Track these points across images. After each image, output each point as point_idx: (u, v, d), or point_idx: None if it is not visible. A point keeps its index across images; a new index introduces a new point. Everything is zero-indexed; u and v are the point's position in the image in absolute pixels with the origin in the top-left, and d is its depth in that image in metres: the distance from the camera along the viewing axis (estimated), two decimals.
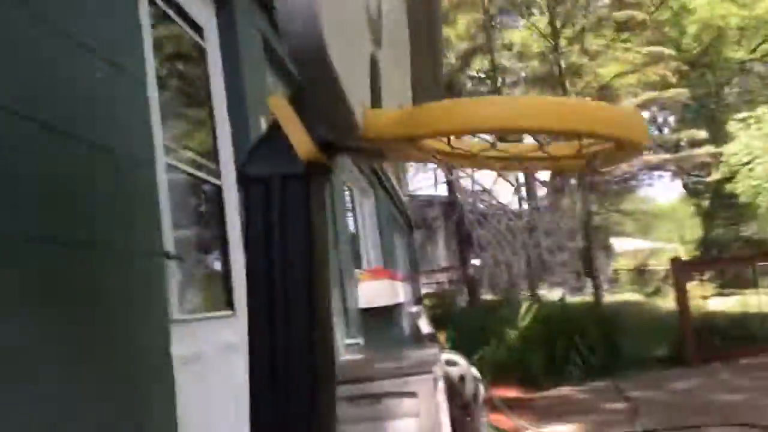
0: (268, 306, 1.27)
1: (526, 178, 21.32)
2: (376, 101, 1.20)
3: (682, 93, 21.67)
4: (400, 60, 1.48)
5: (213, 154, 2.56)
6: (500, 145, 1.18)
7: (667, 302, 8.65)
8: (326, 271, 1.38)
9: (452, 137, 1.20)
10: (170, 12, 2.28)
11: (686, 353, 6.43)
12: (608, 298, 17.11)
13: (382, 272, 5.70)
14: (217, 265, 2.69)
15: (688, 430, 3.81)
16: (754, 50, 27.52)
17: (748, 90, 29.14)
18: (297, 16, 0.92)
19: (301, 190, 1.22)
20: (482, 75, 21.62)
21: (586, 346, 6.39)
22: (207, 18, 2.62)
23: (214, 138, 2.59)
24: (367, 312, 5.33)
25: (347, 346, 4.31)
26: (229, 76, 2.66)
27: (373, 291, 5.30)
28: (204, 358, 2.18)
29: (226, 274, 2.56)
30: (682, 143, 24.39)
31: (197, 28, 2.54)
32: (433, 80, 7.47)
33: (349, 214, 6.58)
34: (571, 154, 1.20)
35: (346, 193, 6.23)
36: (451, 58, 18.83)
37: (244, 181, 1.27)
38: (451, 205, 17.92)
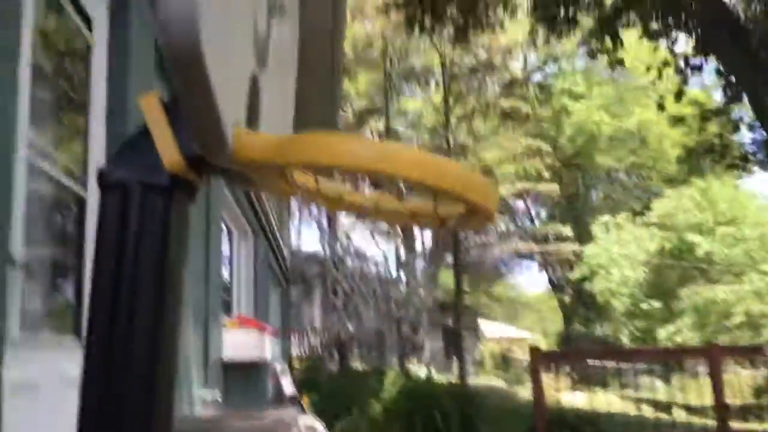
0: (107, 332, 1.16)
1: (406, 249, 21.81)
2: (252, 123, 1.18)
3: (553, 189, 23.28)
4: (285, 88, 1.47)
5: (83, 164, 2.39)
6: (365, 192, 1.19)
7: (526, 391, 8.94)
8: (180, 298, 1.29)
9: (319, 175, 1.20)
10: None
11: None
12: (473, 380, 17.50)
13: (251, 322, 5.51)
14: (70, 287, 2.48)
15: None
16: (620, 160, 30.30)
17: (611, 196, 31.85)
18: (175, 17, 0.89)
19: (162, 203, 1.15)
20: (377, 137, 22.30)
21: (446, 424, 6.43)
22: (99, 10, 2.46)
23: (86, 145, 2.41)
24: (230, 364, 5.09)
25: (204, 400, 4.06)
26: (113, 77, 2.49)
27: (238, 341, 5.08)
28: (39, 387, 1.96)
29: (78, 298, 2.35)
30: (550, 237, 26.00)
31: (87, 20, 2.38)
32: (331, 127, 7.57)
33: (226, 254, 6.37)
34: (428, 211, 1.23)
35: (224, 233, 6.04)
36: (348, 114, 19.27)
37: (101, 185, 1.18)
38: (328, 266, 17.89)
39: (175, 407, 1.28)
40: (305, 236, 35.03)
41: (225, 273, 6.47)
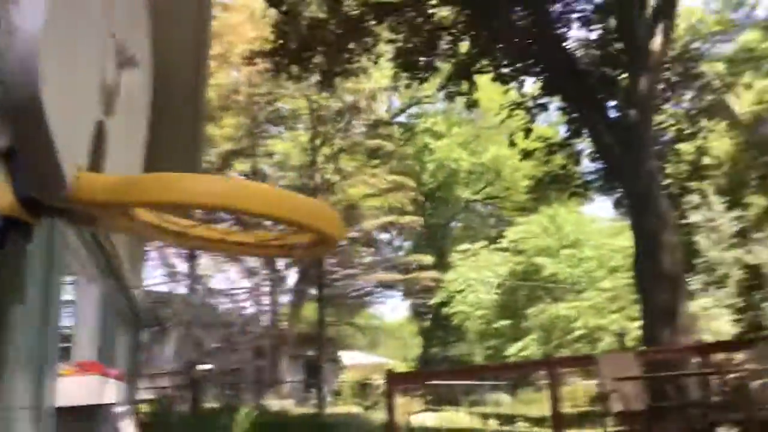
0: None
1: (270, 284, 21.50)
2: (96, 166, 1.22)
3: (416, 221, 24.19)
4: (135, 135, 1.51)
5: None
6: (206, 226, 1.27)
7: (383, 414, 9.13)
8: (5, 338, 1.27)
9: (167, 212, 1.26)
10: None
11: None
12: (331, 409, 17.47)
13: (92, 366, 5.19)
14: None
15: None
16: (478, 192, 32.28)
17: (471, 225, 33.72)
18: (17, 68, 0.93)
19: None
20: (243, 177, 21.98)
21: None
22: None
23: None
24: (68, 411, 4.76)
25: None
26: None
27: (76, 387, 4.76)
28: None
29: None
30: (413, 266, 26.88)
31: None
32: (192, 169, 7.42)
33: (68, 299, 5.97)
34: (276, 241, 1.33)
35: (68, 277, 5.68)
36: (212, 156, 18.85)
37: None
38: (183, 305, 17.23)
39: None
40: (158, 277, 33.21)
41: (67, 320, 6.06)
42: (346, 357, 31.12)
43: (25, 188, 1.16)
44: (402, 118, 28.22)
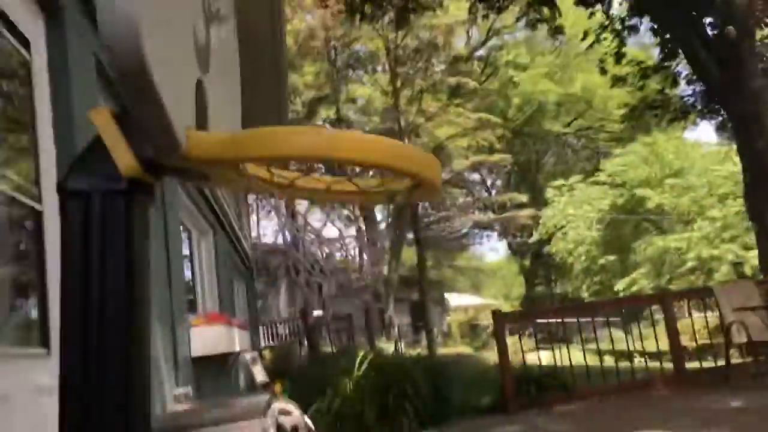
0: (80, 337, 1.22)
1: (367, 231, 21.93)
2: (202, 124, 1.25)
3: (506, 158, 23.67)
4: (231, 90, 1.54)
5: (35, 178, 2.41)
6: (314, 175, 1.28)
7: (494, 355, 9.20)
8: (147, 298, 1.35)
9: (272, 165, 1.28)
10: None
11: (506, 402, 6.87)
12: (441, 350, 17.82)
13: (217, 318, 5.54)
14: (34, 299, 2.50)
15: None
16: (568, 125, 30.92)
17: (563, 160, 32.53)
18: (120, 37, 0.95)
19: (123, 207, 1.21)
20: (328, 125, 22.26)
21: (417, 396, 6.60)
22: (35, 31, 2.48)
23: (37, 160, 2.44)
24: (200, 359, 5.13)
25: (175, 396, 4.11)
26: (57, 95, 2.52)
27: (206, 337, 5.12)
28: (11, 398, 2.00)
29: (43, 309, 2.38)
30: (508, 205, 26.47)
31: (24, 42, 2.40)
32: (277, 122, 7.63)
33: (186, 255, 6.36)
34: (377, 188, 1.33)
35: (183, 233, 6.03)
36: (297, 105, 19.18)
37: (61, 196, 1.23)
38: (292, 255, 17.89)
39: (150, 404, 1.35)
40: (265, 228, 34.76)
41: (187, 273, 6.47)
42: (451, 299, 31.52)
43: (143, 150, 1.21)
44: (482, 52, 27.16)
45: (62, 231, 1.24)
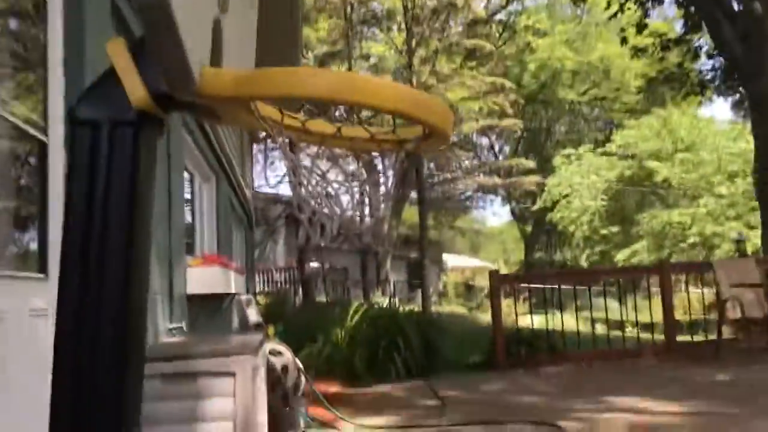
0: (81, 261, 1.23)
1: (370, 186, 21.89)
2: (216, 62, 1.24)
3: (516, 124, 23.46)
4: (247, 32, 1.53)
5: (43, 111, 2.41)
6: (322, 120, 1.28)
7: (487, 316, 9.31)
8: (148, 226, 1.36)
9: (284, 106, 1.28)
10: None
11: (497, 360, 7.00)
12: (435, 309, 18.03)
13: (214, 259, 5.59)
14: (34, 224, 2.54)
15: (489, 425, 4.15)
16: (583, 93, 30.56)
17: (575, 129, 32.27)
18: None
19: (130, 138, 1.21)
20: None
21: (408, 348, 6.73)
22: None
23: (45, 94, 2.44)
24: (195, 298, 5.21)
25: (169, 330, 4.19)
26: (69, 31, 2.51)
27: (202, 277, 5.18)
28: (8, 318, 2.06)
29: (43, 235, 2.42)
30: (514, 171, 26.37)
31: None
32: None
33: (188, 198, 6.39)
34: (387, 135, 1.33)
35: (186, 176, 6.04)
36: (309, 59, 18.94)
37: (72, 123, 1.24)
38: (291, 205, 17.95)
39: (146, 331, 1.38)
40: (265, 178, 34.93)
41: (187, 216, 6.50)
42: (449, 259, 31.73)
43: (155, 83, 1.21)
44: (501, 16, 26.65)
45: (69, 158, 1.25)
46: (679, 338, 7.81)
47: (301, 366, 4.37)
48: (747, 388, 5.23)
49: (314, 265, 17.90)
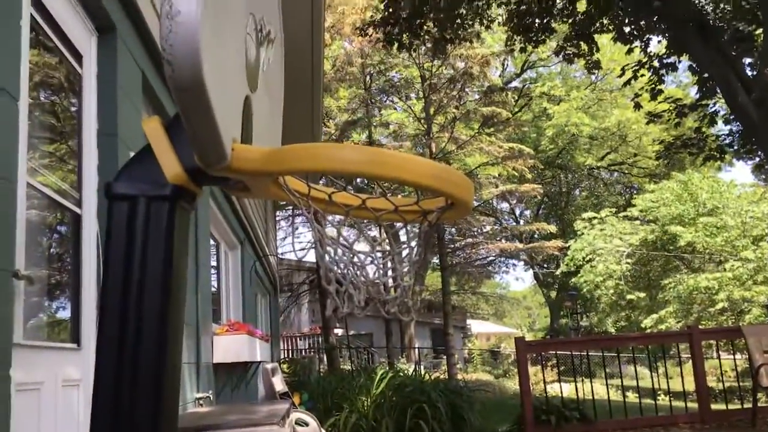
0: (119, 333, 1.28)
1: (394, 257, 21.93)
2: (246, 138, 1.32)
3: (536, 188, 23.53)
4: (274, 108, 1.62)
5: (78, 183, 2.52)
6: (348, 193, 1.34)
7: (514, 383, 9.11)
8: (183, 298, 1.41)
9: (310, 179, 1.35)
10: (51, 35, 2.29)
11: (526, 429, 6.80)
12: (461, 375, 17.68)
13: (240, 326, 5.62)
14: (68, 297, 2.60)
15: None
16: (601, 159, 30.68)
17: (594, 193, 32.23)
18: (179, 48, 1.03)
19: (166, 212, 1.28)
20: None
21: (435, 417, 6.58)
22: (88, 45, 2.63)
23: (80, 167, 2.55)
24: (222, 366, 5.21)
25: (196, 399, 4.18)
26: (103, 106, 2.65)
27: (229, 345, 5.19)
28: (43, 388, 2.09)
29: (76, 306, 2.48)
30: (536, 236, 26.25)
31: (77, 55, 2.54)
32: (311, 141, 7.82)
33: (213, 266, 6.47)
34: (411, 206, 1.38)
35: (212, 244, 6.15)
36: (331, 128, 19.39)
37: (109, 197, 1.31)
38: (315, 272, 18.00)
39: (179, 405, 1.41)
40: (291, 246, 35.21)
41: (213, 283, 6.57)
42: (474, 325, 31.27)
43: (189, 159, 1.27)
44: (516, 83, 27.18)
45: (108, 232, 1.31)
46: (714, 406, 7.54)
47: None
48: None
49: (339, 331, 17.78)
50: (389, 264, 1.45)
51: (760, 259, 19.78)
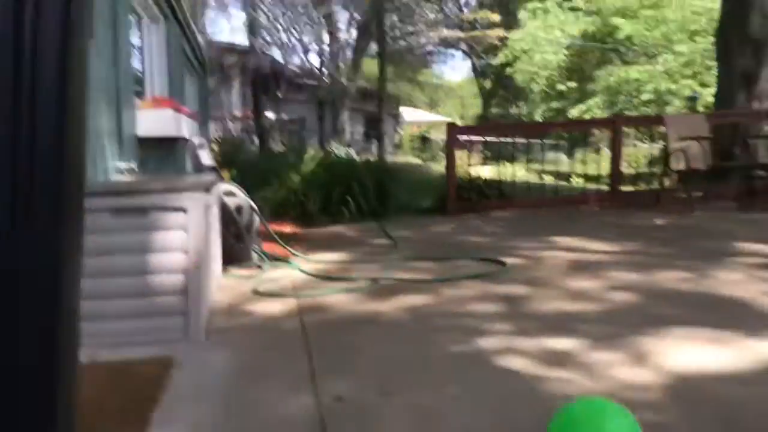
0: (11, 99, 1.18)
1: (330, 40, 21.13)
2: None
3: None
4: None
5: None
6: None
7: (442, 167, 9.48)
8: (84, 56, 1.30)
9: None
10: None
11: (448, 206, 7.23)
12: (390, 159, 18.20)
13: (165, 102, 5.46)
14: None
15: (437, 260, 4.36)
16: None
17: None
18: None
19: None
20: None
21: (362, 193, 6.86)
22: None
23: None
24: (147, 141, 5.13)
25: (119, 170, 4.16)
26: None
27: (153, 119, 5.07)
28: None
29: None
30: (477, 25, 25.62)
31: None
32: None
33: (136, 41, 6.09)
34: None
35: (133, 18, 5.72)
36: None
37: None
38: (250, 54, 17.31)
39: (85, 165, 1.36)
40: (222, 25, 33.59)
41: (137, 61, 6.25)
42: (406, 113, 31.57)
43: None
44: None
45: None
46: (623, 188, 8.14)
47: (255, 207, 4.44)
48: (678, 230, 5.57)
49: (270, 115, 17.62)
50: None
51: (693, 53, 20.19)
